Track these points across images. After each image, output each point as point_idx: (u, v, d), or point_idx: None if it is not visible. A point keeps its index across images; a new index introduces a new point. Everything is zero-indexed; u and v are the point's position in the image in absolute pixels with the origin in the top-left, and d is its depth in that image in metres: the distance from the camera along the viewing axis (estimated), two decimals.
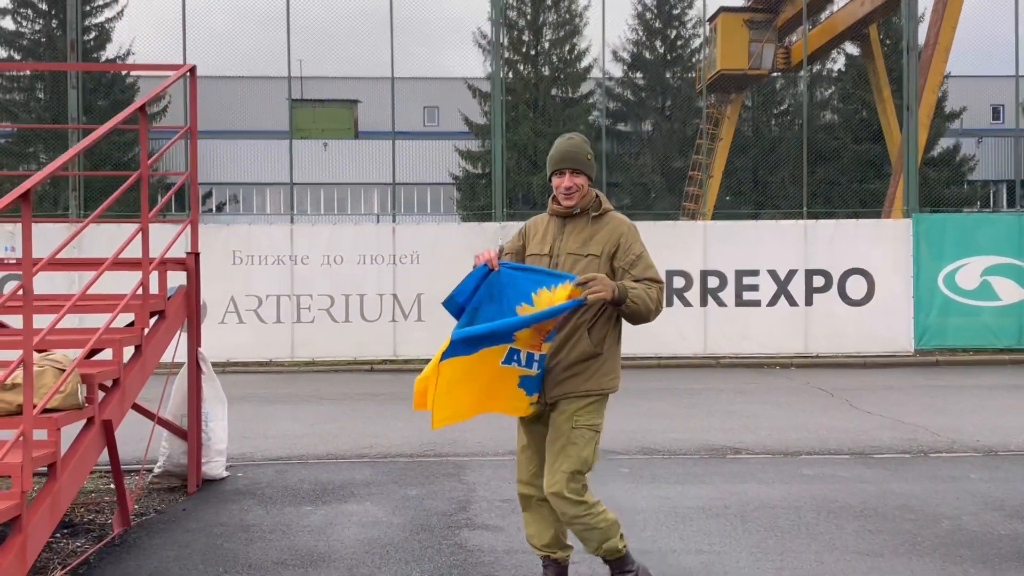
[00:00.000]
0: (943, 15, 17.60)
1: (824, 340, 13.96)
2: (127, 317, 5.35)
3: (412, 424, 8.31)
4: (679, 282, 14.01)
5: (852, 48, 27.08)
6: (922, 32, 17.29)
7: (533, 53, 28.14)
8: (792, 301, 14.02)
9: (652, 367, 13.43)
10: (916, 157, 14.85)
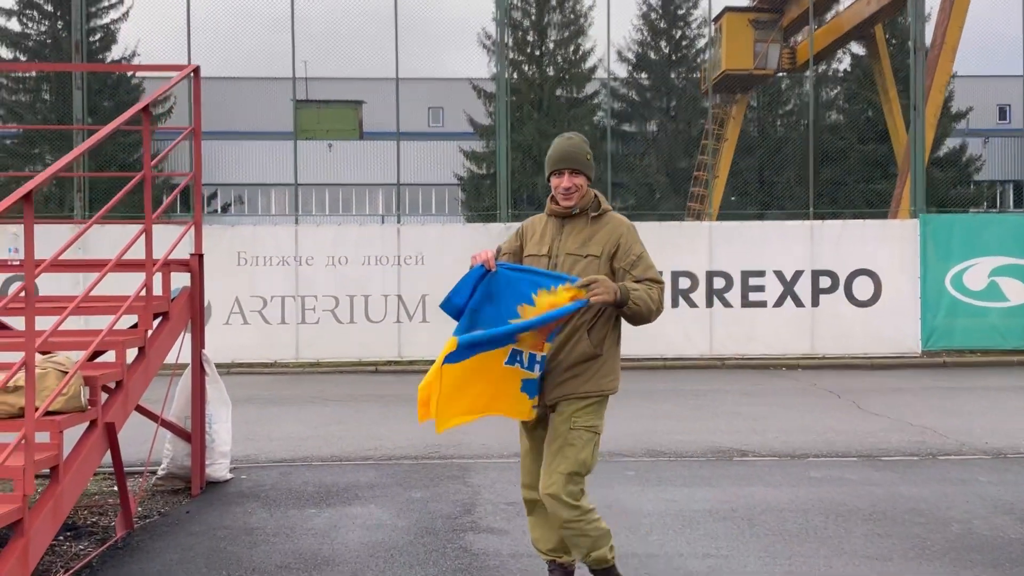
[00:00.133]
0: (950, 14, 17.53)
1: (831, 341, 13.89)
2: (131, 319, 5.33)
3: (416, 426, 8.20)
4: (685, 283, 13.95)
5: (858, 48, 27.01)
6: (929, 31, 17.23)
7: (538, 53, 28.11)
8: (798, 302, 13.95)
9: (657, 368, 13.39)
10: (923, 157, 14.77)
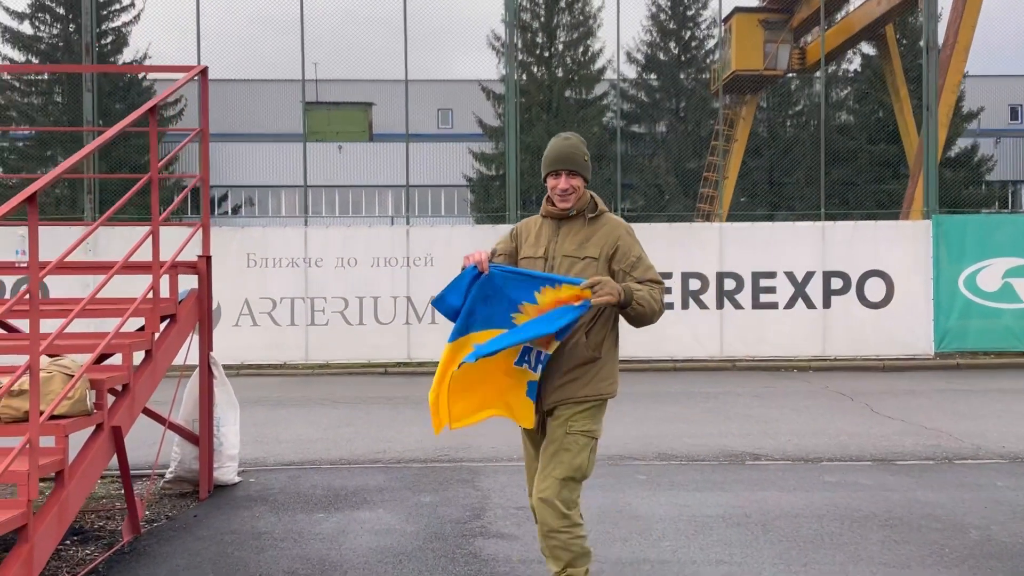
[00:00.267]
0: (962, 14, 17.39)
1: (842, 343, 13.77)
2: (139, 321, 5.30)
3: (426, 428, 8.18)
4: (695, 284, 13.86)
5: (868, 48, 26.86)
6: (941, 31, 17.09)
7: (547, 55, 28.07)
8: (810, 303, 13.84)
9: (667, 370, 13.32)
10: (936, 157, 14.63)
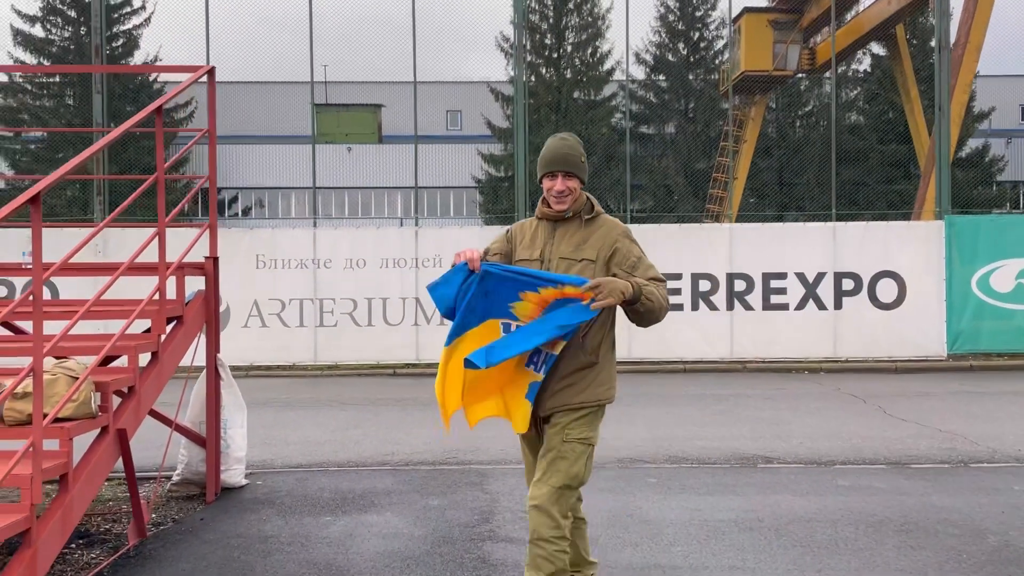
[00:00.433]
0: (974, 13, 17.26)
1: (854, 344, 13.66)
2: (146, 323, 5.26)
3: (434, 430, 8.17)
4: (705, 285, 13.78)
5: (878, 48, 26.72)
6: (952, 30, 16.95)
7: (555, 56, 28.02)
8: (821, 304, 13.74)
9: (677, 372, 13.24)
10: (948, 157, 14.51)
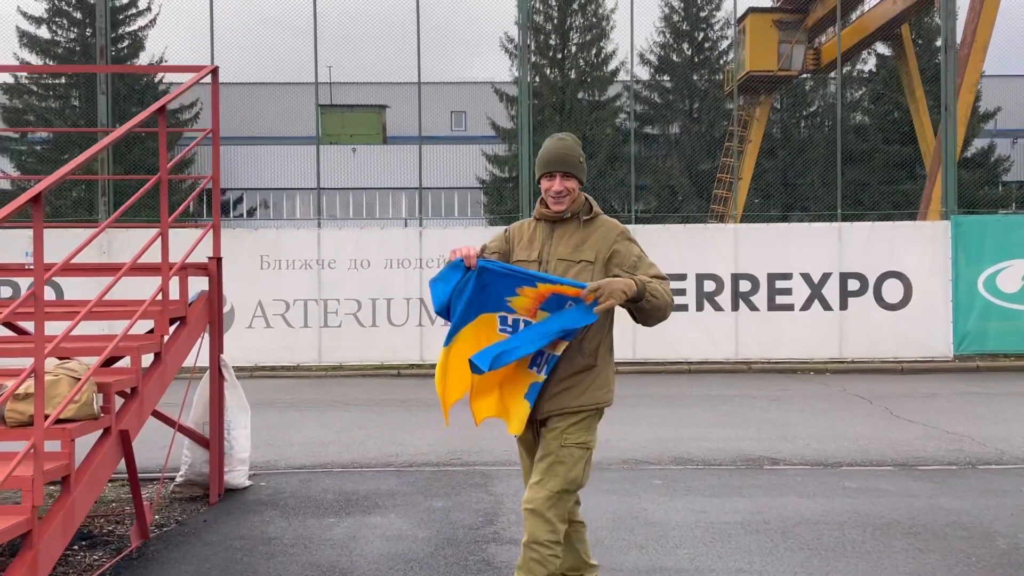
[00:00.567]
0: (980, 12, 17.18)
1: (860, 345, 13.61)
2: (149, 324, 5.24)
3: (438, 431, 8.14)
4: (710, 286, 13.74)
5: (883, 48, 26.62)
6: (958, 30, 16.87)
7: (560, 57, 27.98)
8: (826, 305, 13.69)
9: (682, 373, 13.21)
10: (955, 157, 14.45)
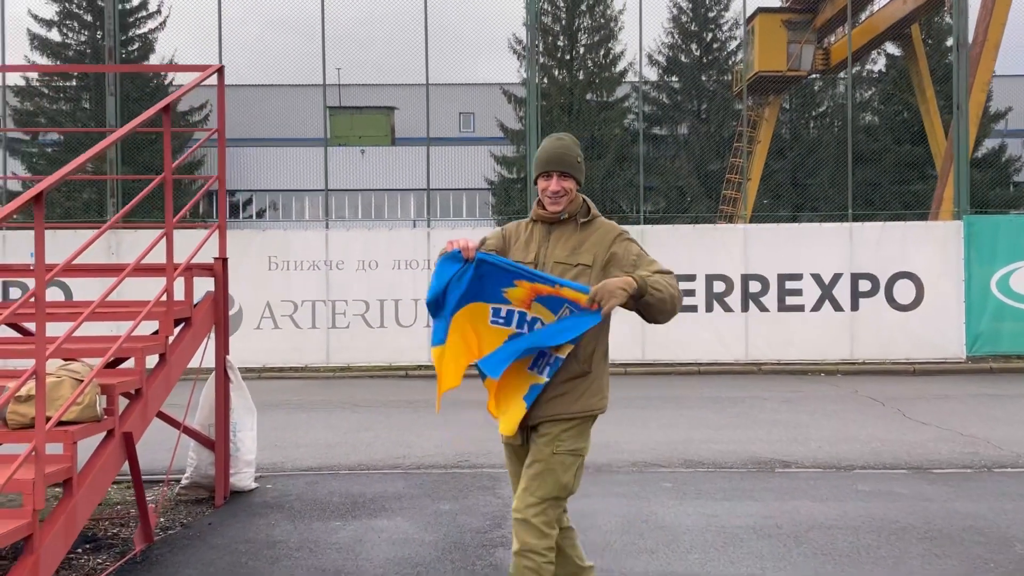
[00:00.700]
0: (992, 11, 17.06)
1: (871, 346, 13.49)
2: (154, 325, 5.19)
3: (446, 433, 8.09)
4: (719, 287, 13.65)
5: (893, 48, 26.49)
6: (970, 29, 16.74)
7: (568, 58, 27.94)
8: (837, 306, 13.58)
9: (692, 374, 13.12)
10: (967, 157, 14.32)
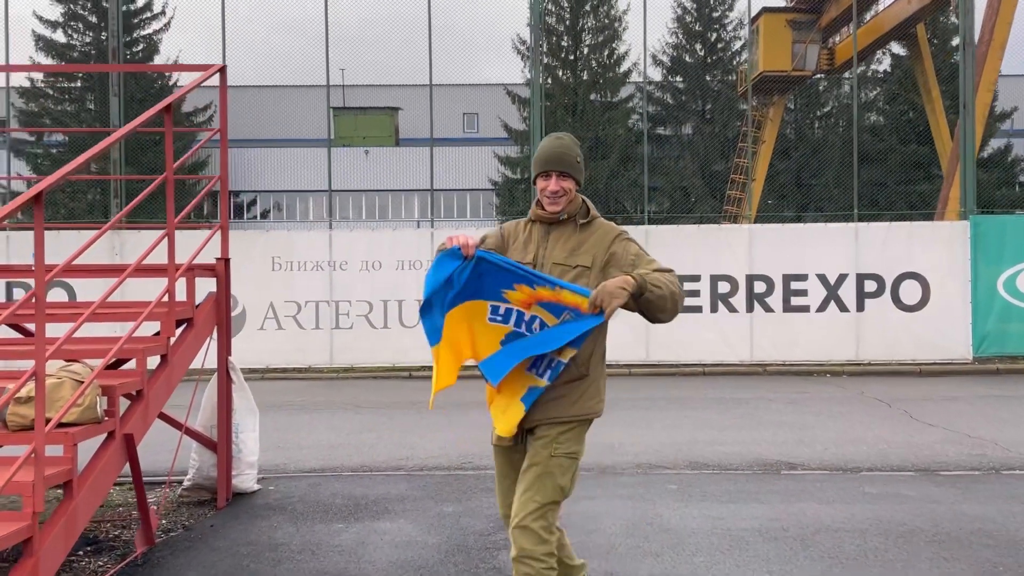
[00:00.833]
0: (998, 10, 16.99)
1: (877, 347, 13.42)
2: (156, 326, 5.16)
3: (450, 434, 8.05)
4: (724, 287, 13.60)
5: (898, 48, 26.41)
6: (976, 28, 16.67)
7: (572, 58, 27.89)
8: (843, 306, 13.52)
9: (697, 375, 13.07)
10: (973, 156, 14.24)
